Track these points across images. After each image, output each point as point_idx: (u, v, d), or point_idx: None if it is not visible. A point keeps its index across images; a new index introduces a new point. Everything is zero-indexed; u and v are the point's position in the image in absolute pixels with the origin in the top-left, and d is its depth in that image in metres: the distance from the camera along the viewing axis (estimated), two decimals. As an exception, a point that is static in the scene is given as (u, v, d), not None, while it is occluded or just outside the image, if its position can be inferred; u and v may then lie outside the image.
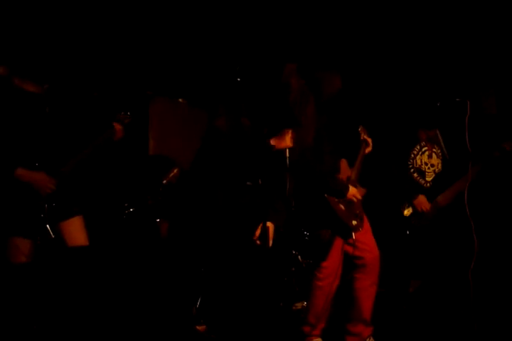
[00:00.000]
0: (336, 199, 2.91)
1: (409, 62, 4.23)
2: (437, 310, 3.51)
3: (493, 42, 3.89)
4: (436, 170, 3.75)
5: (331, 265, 2.94)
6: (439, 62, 4.12)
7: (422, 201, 3.61)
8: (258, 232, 2.84)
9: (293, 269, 3.79)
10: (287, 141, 2.78)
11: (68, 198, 2.88)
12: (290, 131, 2.75)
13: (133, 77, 4.18)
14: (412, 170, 3.72)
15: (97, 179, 3.62)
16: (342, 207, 2.93)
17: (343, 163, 3.06)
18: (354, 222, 2.92)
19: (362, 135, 3.16)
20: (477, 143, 2.95)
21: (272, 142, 2.78)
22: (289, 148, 2.80)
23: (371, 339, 3.07)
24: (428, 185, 3.72)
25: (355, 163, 3.07)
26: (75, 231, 2.87)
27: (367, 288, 3.02)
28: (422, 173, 3.71)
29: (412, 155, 3.71)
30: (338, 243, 2.97)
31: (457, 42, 3.98)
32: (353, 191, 2.94)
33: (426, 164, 3.71)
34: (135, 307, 3.47)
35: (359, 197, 2.98)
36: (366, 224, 3.07)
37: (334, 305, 3.11)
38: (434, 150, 3.78)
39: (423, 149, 3.73)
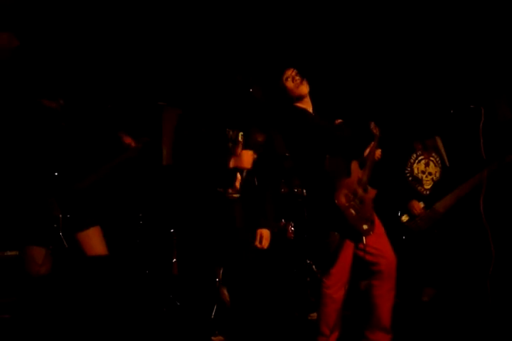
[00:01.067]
0: (347, 204, 2.88)
1: (423, 70, 4.24)
2: (454, 319, 3.46)
3: (508, 48, 3.89)
4: (434, 177, 3.84)
5: (339, 271, 2.91)
6: (452, 68, 4.11)
7: (415, 205, 3.70)
8: (258, 238, 2.84)
9: (308, 279, 3.78)
10: (245, 162, 2.74)
11: (84, 209, 2.89)
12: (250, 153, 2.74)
13: (145, 88, 4.21)
14: (410, 178, 3.84)
15: (112, 190, 3.63)
16: (352, 211, 2.89)
17: (354, 165, 3.03)
18: (365, 227, 2.87)
19: (374, 131, 3.13)
20: (491, 149, 2.94)
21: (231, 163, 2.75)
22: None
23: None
24: (427, 192, 3.81)
25: (366, 164, 3.03)
26: (94, 241, 2.89)
27: (384, 295, 2.96)
28: (420, 181, 3.82)
29: (409, 164, 3.84)
30: (348, 249, 2.94)
31: (471, 48, 3.98)
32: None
33: (423, 172, 3.83)
34: (151, 318, 3.47)
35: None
36: (380, 228, 3.02)
37: (352, 312, 3.08)
38: (431, 158, 3.88)
39: (419, 158, 3.84)
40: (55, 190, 2.77)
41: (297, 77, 2.88)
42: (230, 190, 2.68)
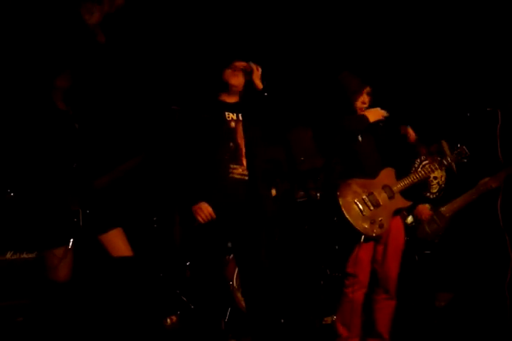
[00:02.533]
0: (350, 200, 2.89)
1: (439, 73, 4.23)
2: (471, 326, 3.42)
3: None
4: (440, 182, 3.84)
5: (354, 271, 2.91)
6: (469, 71, 4.09)
7: (422, 210, 3.67)
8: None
9: (322, 283, 3.77)
10: None
11: (106, 211, 2.90)
12: None
13: (159, 92, 4.23)
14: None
15: (128, 192, 3.65)
16: (355, 208, 2.90)
17: (388, 171, 3.05)
18: (365, 225, 2.87)
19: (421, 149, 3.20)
20: (508, 152, 2.92)
21: None
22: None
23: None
24: (433, 196, 3.81)
25: (408, 177, 3.06)
26: (117, 243, 2.90)
27: (382, 301, 2.98)
28: (426, 185, 3.80)
29: (413, 169, 3.79)
30: (367, 251, 2.94)
31: (487, 51, 3.96)
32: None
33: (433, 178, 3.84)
34: (165, 321, 3.48)
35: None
36: (398, 242, 3.04)
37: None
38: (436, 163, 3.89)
39: (423, 163, 3.78)
40: (73, 187, 2.77)
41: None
42: None
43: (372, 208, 2.92)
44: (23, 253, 3.15)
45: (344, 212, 2.86)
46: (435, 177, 3.85)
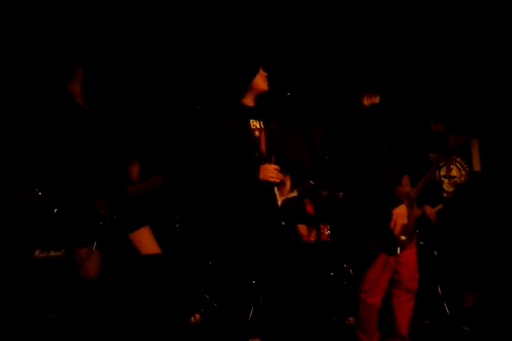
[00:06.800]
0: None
1: (464, 72, 4.19)
2: (499, 324, 3.37)
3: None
4: (458, 181, 3.83)
5: (375, 277, 2.88)
6: (493, 71, 4.04)
7: (427, 210, 3.67)
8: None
9: (345, 283, 3.75)
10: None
11: (134, 210, 2.95)
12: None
13: (181, 92, 4.27)
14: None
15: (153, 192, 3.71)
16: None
17: (406, 179, 3.02)
18: (403, 238, 2.85)
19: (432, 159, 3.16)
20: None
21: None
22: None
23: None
24: (448, 195, 3.80)
25: (419, 183, 3.03)
26: (146, 241, 2.96)
27: (403, 304, 2.95)
28: (440, 185, 3.83)
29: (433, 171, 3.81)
30: (384, 256, 2.91)
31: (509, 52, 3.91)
32: (401, 210, 2.80)
33: (445, 177, 3.84)
34: (188, 319, 3.51)
35: (404, 219, 2.79)
36: (412, 241, 3.00)
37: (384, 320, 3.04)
38: (455, 163, 3.87)
39: (439, 164, 3.79)
40: (101, 190, 2.83)
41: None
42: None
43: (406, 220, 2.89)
44: (50, 251, 3.22)
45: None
46: (453, 177, 3.82)
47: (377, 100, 2.98)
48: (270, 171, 2.63)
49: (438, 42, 4.17)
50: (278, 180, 2.66)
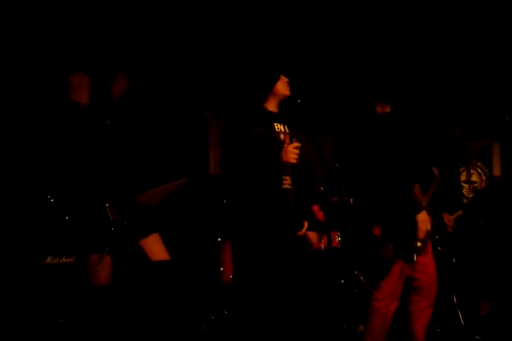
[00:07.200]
0: None
1: (478, 76, 4.17)
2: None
3: None
4: (479, 186, 3.80)
5: (390, 285, 2.85)
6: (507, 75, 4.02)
7: (445, 218, 3.66)
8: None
9: (356, 290, 3.72)
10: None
11: (144, 217, 2.97)
12: None
13: (191, 99, 4.29)
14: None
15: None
16: None
17: (417, 187, 3.00)
18: (419, 244, 2.83)
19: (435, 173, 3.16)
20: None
21: None
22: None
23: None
24: (468, 201, 3.77)
25: (428, 191, 3.02)
26: (156, 247, 2.98)
27: (421, 311, 2.91)
28: (460, 190, 3.80)
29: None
30: (399, 264, 2.89)
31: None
32: (424, 216, 2.83)
33: (465, 182, 3.81)
34: (198, 325, 3.51)
35: (427, 225, 2.85)
36: (429, 246, 2.97)
37: (405, 325, 3.01)
38: (476, 168, 3.83)
39: (460, 169, 3.82)
40: (113, 197, 2.85)
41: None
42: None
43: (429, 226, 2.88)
44: (62, 257, 3.26)
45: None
46: (473, 182, 3.78)
47: (388, 109, 2.96)
48: (291, 151, 2.62)
49: (456, 47, 4.16)
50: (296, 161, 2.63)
